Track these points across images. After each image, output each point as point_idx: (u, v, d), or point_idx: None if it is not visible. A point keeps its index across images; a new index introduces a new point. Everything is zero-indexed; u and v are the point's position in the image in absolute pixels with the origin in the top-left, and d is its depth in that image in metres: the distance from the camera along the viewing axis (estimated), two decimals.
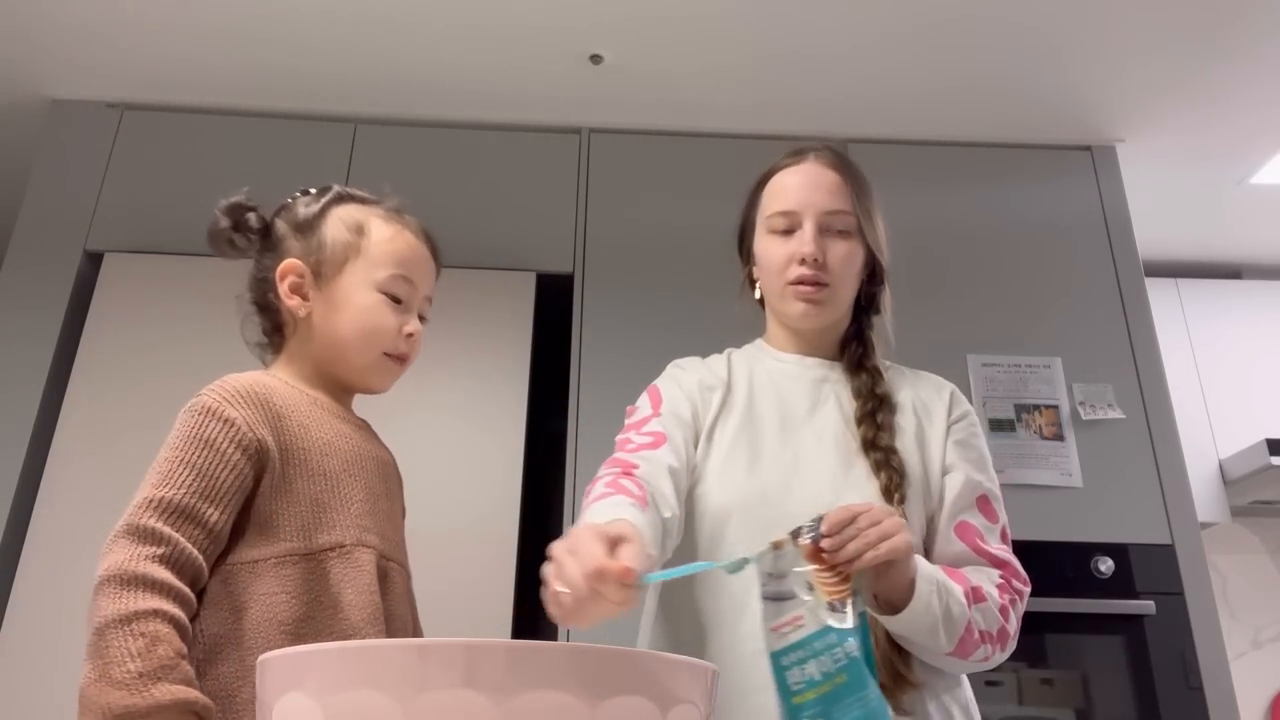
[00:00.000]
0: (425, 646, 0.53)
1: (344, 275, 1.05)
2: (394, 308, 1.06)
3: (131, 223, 2.35)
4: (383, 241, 1.07)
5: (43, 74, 2.41)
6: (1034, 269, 2.43)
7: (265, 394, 0.99)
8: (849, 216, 1.14)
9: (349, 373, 1.07)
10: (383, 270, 1.05)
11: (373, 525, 1.01)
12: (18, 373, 2.17)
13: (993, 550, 1.05)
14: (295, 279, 1.06)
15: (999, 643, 1.00)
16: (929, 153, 2.56)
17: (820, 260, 1.11)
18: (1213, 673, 2.03)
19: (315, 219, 1.08)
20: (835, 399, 1.14)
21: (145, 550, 0.87)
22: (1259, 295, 3.03)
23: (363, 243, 1.06)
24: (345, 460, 1.02)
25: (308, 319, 1.06)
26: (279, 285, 1.06)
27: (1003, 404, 2.26)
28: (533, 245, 2.40)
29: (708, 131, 2.54)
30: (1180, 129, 2.53)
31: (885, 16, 2.19)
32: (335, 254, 1.06)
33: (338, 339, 1.05)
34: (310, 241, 1.07)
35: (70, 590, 1.97)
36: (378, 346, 1.05)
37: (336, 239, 1.06)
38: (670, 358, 1.34)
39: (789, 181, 1.17)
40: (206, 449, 0.92)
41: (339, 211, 1.08)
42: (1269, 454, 2.60)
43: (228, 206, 1.08)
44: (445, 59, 2.34)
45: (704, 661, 0.60)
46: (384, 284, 1.05)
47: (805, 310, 1.13)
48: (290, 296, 1.05)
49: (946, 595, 0.94)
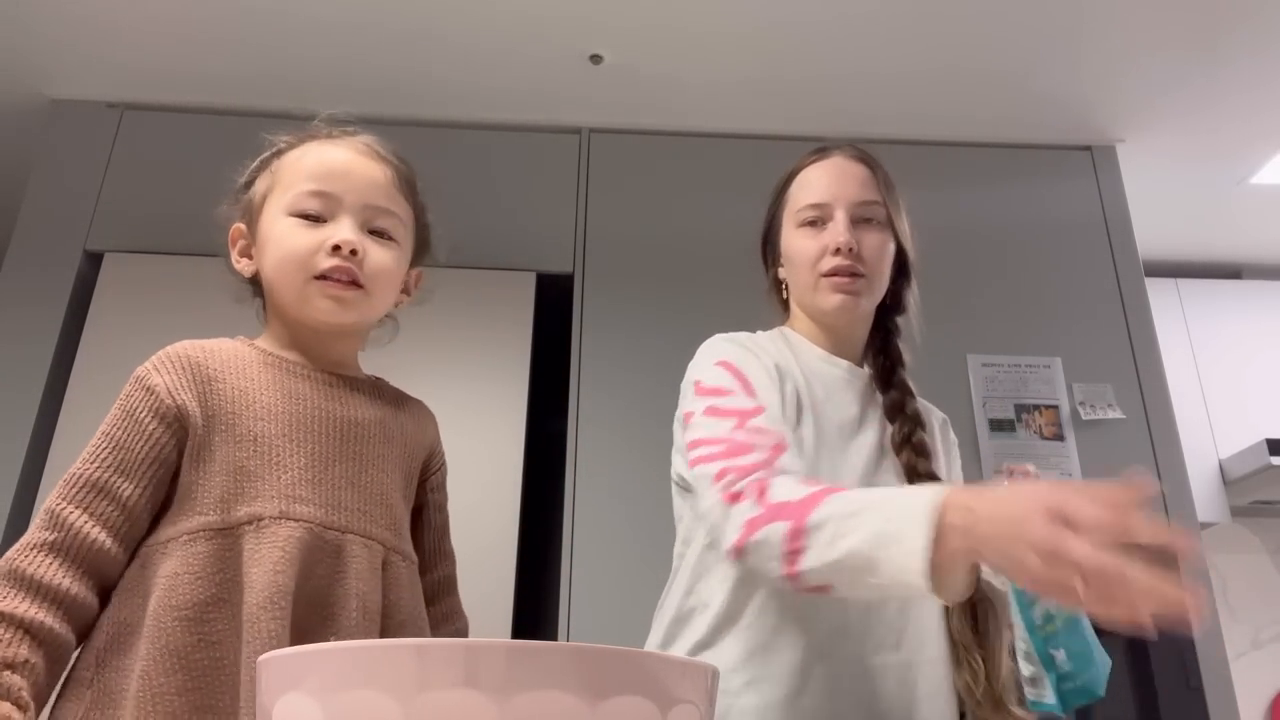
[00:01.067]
0: (425, 646, 0.53)
1: (263, 215, 0.98)
2: (309, 225, 0.94)
3: (131, 223, 2.35)
4: (290, 164, 0.98)
5: (43, 74, 2.41)
6: (1034, 269, 2.43)
7: (199, 357, 0.93)
8: (880, 207, 1.13)
9: (294, 311, 0.96)
10: (291, 190, 0.95)
11: (311, 495, 0.89)
12: (18, 373, 2.17)
13: None
14: (242, 242, 1.01)
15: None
16: (929, 153, 2.56)
17: (855, 250, 1.10)
18: (1213, 673, 2.03)
19: (250, 178, 1.03)
20: (878, 416, 1.12)
21: (37, 538, 0.84)
22: (1259, 295, 3.03)
23: (275, 177, 0.98)
24: (287, 422, 0.91)
25: (258, 277, 1.00)
26: (231, 253, 1.01)
27: (1003, 404, 2.26)
28: (533, 245, 2.40)
29: (708, 131, 2.54)
30: (1180, 129, 2.53)
31: (885, 16, 2.18)
32: (256, 200, 0.99)
33: (269, 280, 0.97)
34: (243, 200, 1.02)
35: None
36: (299, 271, 0.93)
37: (259, 185, 1.00)
38: (670, 357, 1.33)
39: (817, 175, 1.16)
40: (127, 420, 0.89)
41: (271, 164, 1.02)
42: (1269, 454, 2.60)
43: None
44: (445, 59, 2.34)
45: (704, 661, 0.60)
46: (292, 204, 0.95)
47: (842, 302, 1.10)
48: (239, 260, 1.00)
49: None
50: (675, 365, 1.32)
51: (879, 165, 1.17)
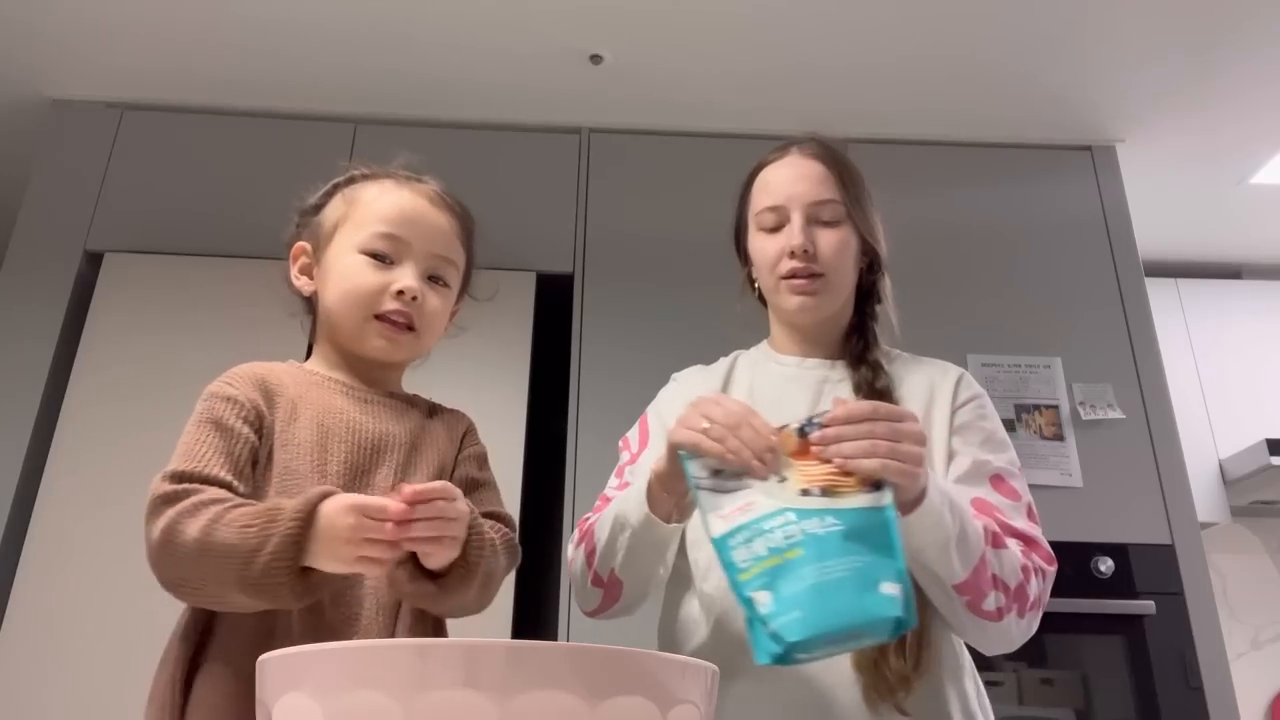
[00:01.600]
0: (425, 646, 0.53)
1: (332, 244, 1.04)
2: (377, 266, 1.01)
3: (131, 223, 2.35)
4: (368, 203, 1.04)
5: (43, 74, 2.41)
6: (1034, 269, 2.43)
7: (263, 374, 1.01)
8: (837, 205, 1.12)
9: (348, 342, 1.03)
10: (364, 230, 1.02)
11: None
12: (18, 373, 2.17)
13: (1017, 526, 1.01)
14: (304, 260, 1.06)
15: (1016, 603, 0.94)
16: (929, 153, 2.56)
17: (811, 251, 1.10)
18: (1213, 673, 2.03)
19: (321, 201, 1.09)
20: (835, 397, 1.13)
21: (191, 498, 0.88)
22: (1259, 295, 3.03)
23: (350, 210, 1.05)
24: (325, 431, 0.99)
25: (315, 298, 1.06)
26: (291, 269, 1.07)
27: (1003, 404, 2.26)
28: (533, 245, 2.40)
29: (708, 131, 2.54)
30: (1180, 129, 2.53)
31: (885, 17, 2.18)
32: (328, 227, 1.05)
33: (329, 308, 1.03)
34: (312, 223, 1.07)
35: (70, 590, 1.97)
36: (361, 308, 1.00)
37: (331, 212, 1.06)
38: (670, 357, 1.34)
39: (774, 176, 1.16)
40: (217, 427, 0.94)
41: (344, 191, 1.08)
42: (1269, 454, 2.60)
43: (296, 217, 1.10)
44: (445, 59, 2.34)
45: (704, 661, 0.60)
46: (364, 243, 1.01)
47: (801, 303, 1.12)
48: (298, 278, 1.06)
49: (961, 518, 0.90)
50: (675, 365, 1.33)
51: (837, 160, 1.16)
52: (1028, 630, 0.99)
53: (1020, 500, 1.04)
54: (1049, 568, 1.00)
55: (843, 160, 1.17)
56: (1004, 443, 1.09)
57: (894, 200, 2.54)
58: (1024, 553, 0.98)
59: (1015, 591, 0.95)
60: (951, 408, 1.10)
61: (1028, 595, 0.96)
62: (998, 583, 0.93)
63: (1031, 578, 0.97)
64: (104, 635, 1.94)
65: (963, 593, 0.93)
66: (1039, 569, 0.99)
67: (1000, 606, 0.94)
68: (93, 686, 1.89)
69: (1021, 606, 0.95)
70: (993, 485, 1.04)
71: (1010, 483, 1.05)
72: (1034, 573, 0.97)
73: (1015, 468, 1.07)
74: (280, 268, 1.11)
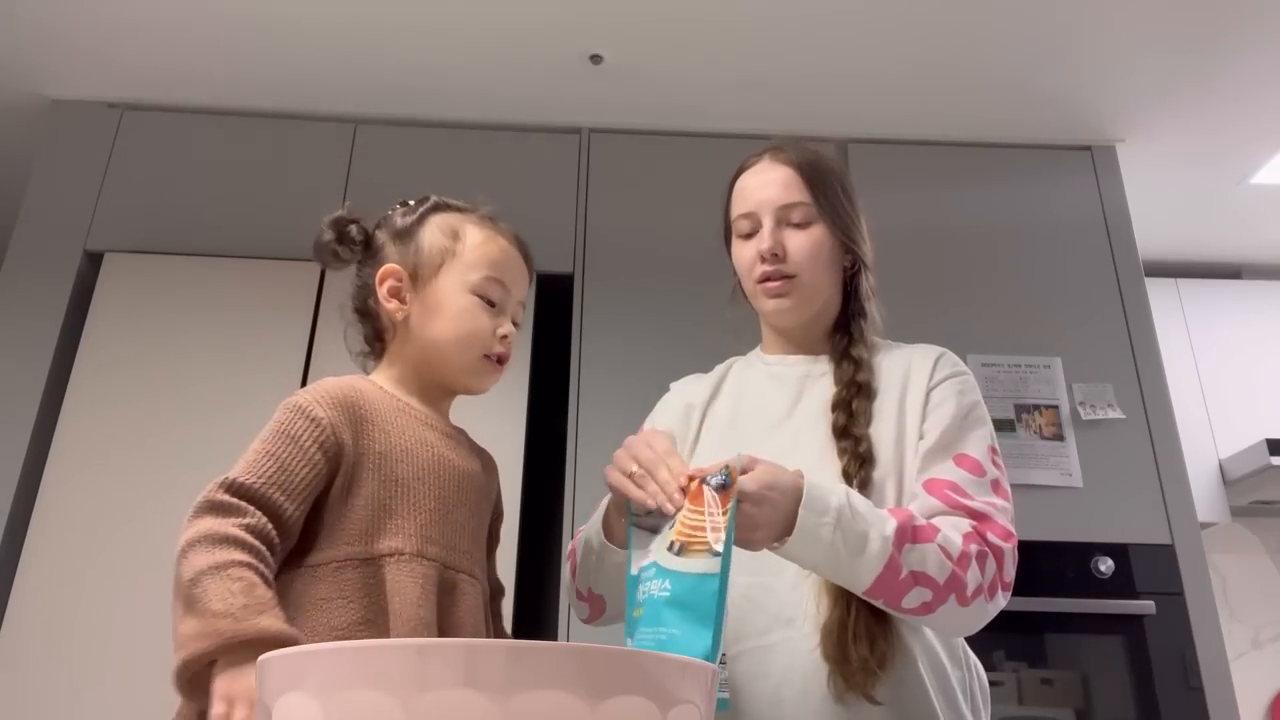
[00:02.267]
0: (425, 646, 0.53)
1: (440, 278, 1.08)
2: (488, 310, 1.08)
3: (131, 223, 2.35)
4: (477, 245, 1.10)
5: (43, 74, 2.41)
6: (1034, 269, 2.43)
7: (355, 397, 1.01)
8: (806, 207, 1.14)
9: (449, 375, 1.08)
10: (476, 273, 1.08)
11: (439, 536, 1.00)
12: (18, 373, 2.17)
13: (970, 503, 1.01)
14: (394, 283, 1.08)
15: (951, 592, 0.94)
16: (929, 153, 2.56)
17: (780, 254, 1.13)
18: (1213, 673, 2.03)
19: (413, 226, 1.11)
20: (818, 393, 1.14)
21: (231, 520, 0.88)
22: (1259, 295, 3.03)
23: (458, 246, 1.09)
24: (420, 467, 1.02)
25: (405, 323, 1.08)
26: (378, 290, 1.08)
27: (1003, 404, 2.26)
28: (533, 245, 2.39)
29: (708, 131, 2.54)
30: (1180, 129, 2.53)
31: (885, 17, 2.19)
32: (432, 258, 1.08)
33: (436, 342, 1.07)
34: (408, 247, 1.10)
35: (70, 590, 1.97)
36: (475, 348, 1.07)
37: (433, 244, 1.09)
38: (670, 357, 1.36)
39: (746, 183, 1.19)
40: (291, 444, 0.95)
41: (436, 219, 1.12)
42: (1269, 454, 2.60)
43: (331, 220, 1.11)
44: (445, 59, 2.34)
45: (704, 662, 0.60)
46: (478, 286, 1.07)
47: (776, 306, 1.15)
48: (389, 300, 1.08)
49: (852, 526, 0.92)
50: (675, 365, 1.33)
51: (807, 163, 1.17)
52: (979, 615, 0.98)
53: (984, 476, 1.04)
54: (1005, 544, 1.00)
55: (814, 163, 1.18)
56: (979, 420, 1.09)
57: (894, 200, 2.56)
58: (969, 535, 0.97)
59: (947, 582, 0.94)
60: (927, 387, 1.11)
61: (964, 583, 0.95)
62: (920, 578, 0.93)
63: (971, 564, 0.96)
64: (104, 635, 1.94)
65: (875, 596, 0.94)
66: (990, 549, 0.98)
67: (926, 601, 0.94)
68: (93, 686, 1.89)
69: (961, 595, 0.95)
70: (956, 462, 1.05)
71: (976, 459, 1.05)
72: (978, 557, 0.96)
73: (986, 444, 1.07)
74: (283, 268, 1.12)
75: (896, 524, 0.94)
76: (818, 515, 0.91)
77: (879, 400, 1.11)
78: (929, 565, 0.94)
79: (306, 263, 2.32)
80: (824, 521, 0.91)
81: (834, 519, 0.91)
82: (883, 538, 0.92)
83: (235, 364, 2.17)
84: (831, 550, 0.91)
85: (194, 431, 2.07)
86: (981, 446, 1.06)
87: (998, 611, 1.00)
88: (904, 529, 0.94)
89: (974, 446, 1.06)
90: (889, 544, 0.92)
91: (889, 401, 1.10)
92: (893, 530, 0.93)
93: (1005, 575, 0.99)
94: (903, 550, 0.93)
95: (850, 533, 0.91)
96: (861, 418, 1.08)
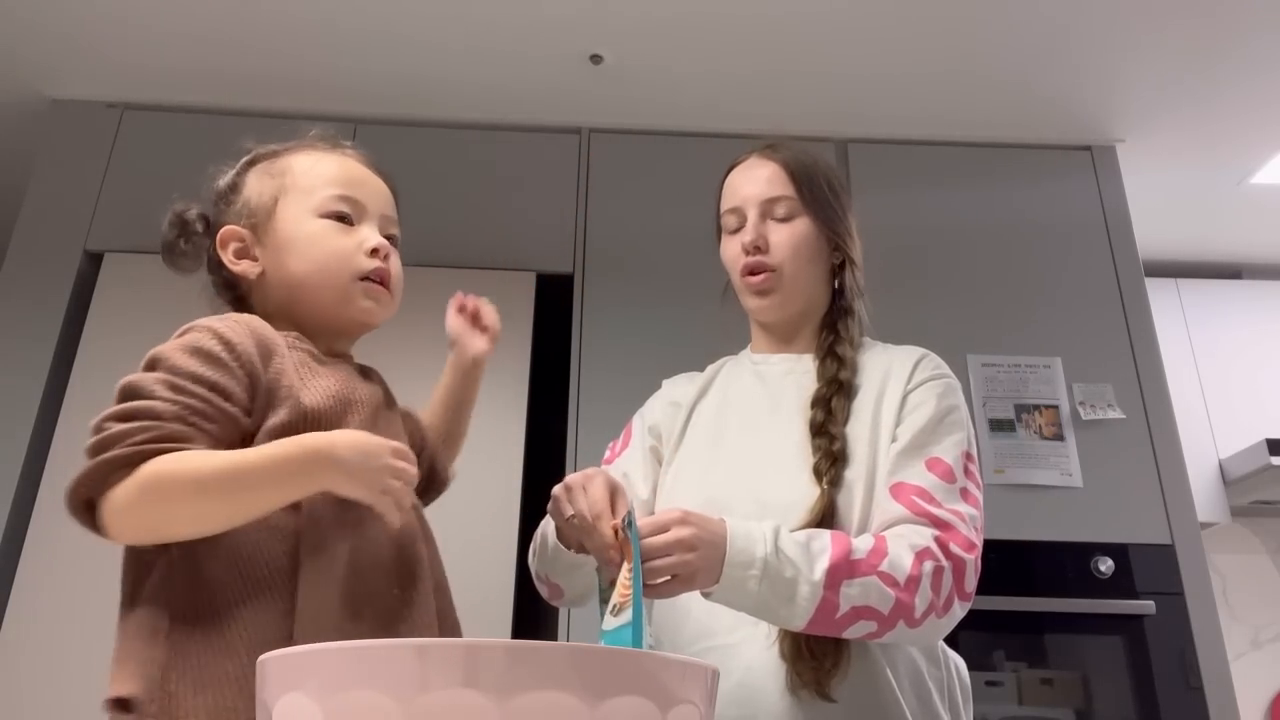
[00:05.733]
0: (425, 646, 0.53)
1: (278, 217, 0.99)
2: (343, 229, 0.98)
3: (131, 223, 2.35)
4: (307, 170, 1.01)
5: (43, 74, 2.41)
6: (1034, 269, 2.43)
7: (260, 329, 0.93)
8: (790, 201, 1.15)
9: (323, 312, 0.98)
10: (315, 195, 0.99)
11: None
12: (18, 373, 2.17)
13: (936, 511, 0.99)
14: (237, 244, 1.01)
15: (900, 618, 0.93)
16: (929, 153, 2.56)
17: (763, 246, 1.13)
18: (1213, 673, 2.03)
19: (235, 181, 1.05)
20: (798, 390, 1.14)
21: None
22: (1259, 295, 3.03)
23: (286, 181, 1.01)
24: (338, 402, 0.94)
25: (262, 277, 1.00)
26: (223, 256, 1.00)
27: (1003, 404, 2.26)
28: (533, 245, 2.40)
29: (708, 131, 2.54)
30: (1180, 129, 2.53)
31: (885, 17, 2.19)
32: (264, 203, 1.00)
33: (297, 280, 0.97)
34: (237, 205, 1.02)
35: (70, 590, 1.97)
36: (341, 271, 0.97)
37: (260, 189, 1.02)
38: (670, 358, 1.37)
39: (734, 180, 1.21)
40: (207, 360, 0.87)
41: (257, 167, 1.04)
42: (1269, 454, 2.60)
43: (171, 215, 1.05)
44: (445, 59, 2.34)
45: (704, 661, 0.60)
46: (321, 205, 0.98)
47: (759, 304, 1.16)
48: (236, 262, 1.00)
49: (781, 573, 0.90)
50: (675, 364, 1.33)
51: (793, 159, 1.18)
52: (932, 631, 0.97)
53: (954, 483, 1.02)
54: (967, 556, 0.98)
55: (801, 160, 1.19)
56: (956, 424, 1.07)
57: (894, 200, 2.55)
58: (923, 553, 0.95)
59: (892, 611, 0.93)
60: (905, 388, 1.10)
61: (911, 607, 0.93)
62: (861, 612, 0.92)
63: (920, 586, 0.94)
64: (104, 635, 1.93)
65: (815, 632, 0.94)
66: (951, 560, 0.96)
67: (871, 631, 0.94)
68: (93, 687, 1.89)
69: (909, 619, 0.94)
70: (927, 466, 1.03)
71: (948, 463, 1.03)
72: (933, 574, 0.95)
73: (961, 450, 1.05)
74: None
75: (829, 563, 0.92)
76: (743, 569, 0.90)
77: (857, 399, 1.10)
78: (871, 598, 0.92)
79: None
80: (750, 574, 0.90)
81: (760, 570, 0.90)
82: (811, 583, 0.91)
83: None
84: (759, 599, 0.91)
85: None
86: (955, 452, 1.05)
87: (955, 623, 0.99)
88: (838, 566, 0.92)
89: (947, 451, 1.04)
90: (819, 588, 0.91)
91: (866, 400, 1.10)
92: (823, 572, 0.91)
93: (965, 586, 0.98)
94: (839, 589, 0.91)
95: (778, 581, 0.90)
96: (839, 415, 1.08)
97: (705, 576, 0.89)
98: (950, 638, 1.03)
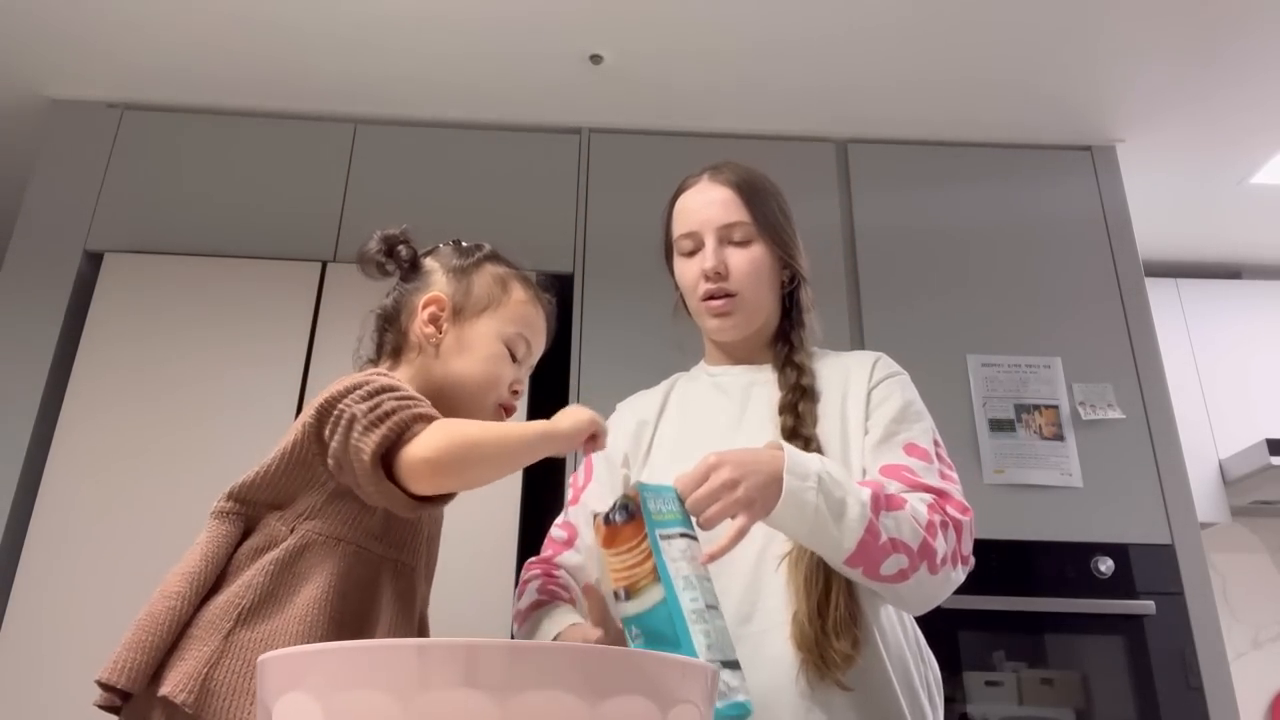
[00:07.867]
0: (426, 646, 0.53)
1: (480, 321, 1.14)
2: (510, 362, 1.15)
3: (131, 223, 2.35)
4: (520, 302, 1.17)
5: (42, 74, 2.41)
6: (1034, 269, 2.43)
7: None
8: (746, 226, 1.19)
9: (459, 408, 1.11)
10: (513, 326, 1.15)
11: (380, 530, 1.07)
12: (18, 373, 2.17)
13: (927, 481, 1.07)
14: (436, 310, 1.14)
15: (924, 560, 0.99)
16: (929, 153, 2.56)
17: (723, 272, 1.17)
18: (1213, 673, 2.03)
19: (470, 267, 1.18)
20: (763, 399, 1.18)
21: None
22: (1259, 295, 3.03)
23: (504, 298, 1.16)
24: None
25: (435, 349, 1.13)
26: (420, 311, 1.13)
27: (1003, 404, 2.26)
28: (533, 245, 2.40)
29: (708, 131, 2.54)
30: (1180, 129, 2.53)
31: (885, 17, 2.18)
32: (479, 300, 1.15)
33: (460, 375, 1.12)
34: (460, 283, 1.16)
35: (70, 590, 1.97)
36: (493, 393, 1.14)
37: (484, 288, 1.16)
38: (670, 357, 1.38)
39: (688, 203, 1.24)
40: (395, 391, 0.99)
41: (490, 267, 1.19)
42: (1269, 454, 2.60)
43: (383, 236, 1.16)
44: (445, 59, 2.34)
45: (704, 662, 0.60)
46: (510, 338, 1.14)
47: (719, 325, 1.20)
48: (426, 325, 1.13)
49: (831, 492, 0.95)
50: (674, 365, 1.33)
51: (746, 183, 1.21)
52: (944, 585, 1.03)
53: (932, 463, 1.10)
54: (963, 517, 1.05)
55: (753, 183, 1.23)
56: (919, 414, 1.16)
57: (894, 200, 2.55)
58: (932, 506, 1.03)
59: (920, 549, 0.99)
60: (867, 387, 1.17)
61: (934, 550, 0.99)
62: (896, 544, 0.98)
63: (938, 532, 1.01)
64: (104, 635, 1.93)
65: (854, 564, 0.97)
66: (950, 521, 1.03)
67: (903, 568, 0.98)
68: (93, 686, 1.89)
69: (932, 562, 1.00)
70: (906, 451, 1.11)
71: (924, 448, 1.11)
72: (941, 526, 1.01)
73: (930, 437, 1.13)
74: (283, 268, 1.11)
75: (871, 492, 0.98)
76: (800, 480, 0.94)
77: (821, 403, 1.16)
78: (904, 532, 0.98)
79: (306, 262, 2.33)
80: (808, 485, 0.94)
81: (815, 483, 0.95)
82: (860, 503, 0.96)
83: (235, 364, 2.16)
84: (816, 515, 0.94)
85: (194, 431, 2.07)
86: (926, 439, 1.13)
87: (958, 585, 1.05)
88: (878, 497, 0.98)
89: (920, 437, 1.12)
90: (866, 509, 0.96)
91: (831, 404, 1.16)
92: (869, 497, 0.97)
93: (964, 548, 1.05)
94: (879, 516, 0.97)
95: (831, 498, 0.95)
96: (809, 419, 1.13)
97: (761, 505, 0.92)
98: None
